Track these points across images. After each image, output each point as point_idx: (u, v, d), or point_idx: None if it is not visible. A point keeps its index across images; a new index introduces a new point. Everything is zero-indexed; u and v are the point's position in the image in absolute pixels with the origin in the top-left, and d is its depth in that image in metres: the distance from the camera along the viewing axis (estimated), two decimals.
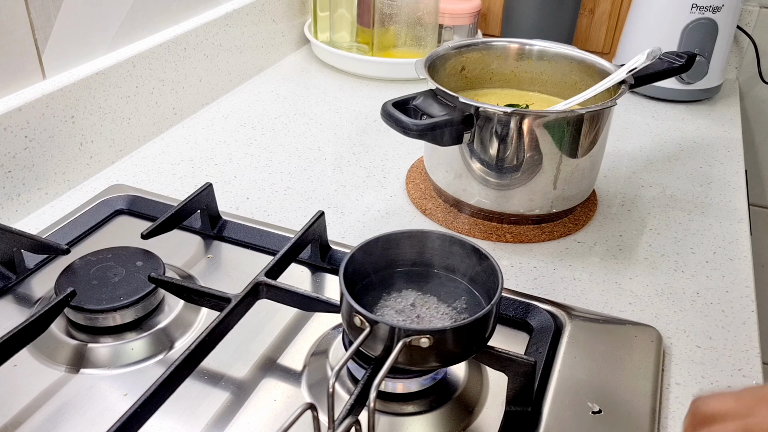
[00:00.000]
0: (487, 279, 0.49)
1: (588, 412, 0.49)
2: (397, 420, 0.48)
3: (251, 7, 1.02)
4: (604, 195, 0.78)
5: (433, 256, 0.52)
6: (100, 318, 0.54)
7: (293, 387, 0.51)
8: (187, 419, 0.48)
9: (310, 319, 0.58)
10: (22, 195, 0.70)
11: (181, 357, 0.46)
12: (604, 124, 0.69)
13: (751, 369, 0.55)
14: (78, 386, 0.51)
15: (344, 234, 0.70)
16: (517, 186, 0.68)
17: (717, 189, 0.81)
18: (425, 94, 0.67)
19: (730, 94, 1.08)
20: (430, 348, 0.43)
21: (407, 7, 1.04)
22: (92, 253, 0.59)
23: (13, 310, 0.58)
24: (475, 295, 0.51)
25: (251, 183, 0.78)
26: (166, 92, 0.87)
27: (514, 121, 0.64)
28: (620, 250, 0.69)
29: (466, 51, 0.78)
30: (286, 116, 0.94)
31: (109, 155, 0.80)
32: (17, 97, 0.68)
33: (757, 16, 1.09)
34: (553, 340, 0.55)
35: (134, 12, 0.82)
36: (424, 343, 0.43)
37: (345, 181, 0.79)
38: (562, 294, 0.62)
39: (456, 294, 0.51)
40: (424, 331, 0.43)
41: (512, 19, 1.09)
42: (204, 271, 0.63)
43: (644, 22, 1.01)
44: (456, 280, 0.52)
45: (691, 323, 0.60)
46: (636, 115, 0.99)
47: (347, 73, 1.09)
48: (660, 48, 0.69)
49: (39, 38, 0.70)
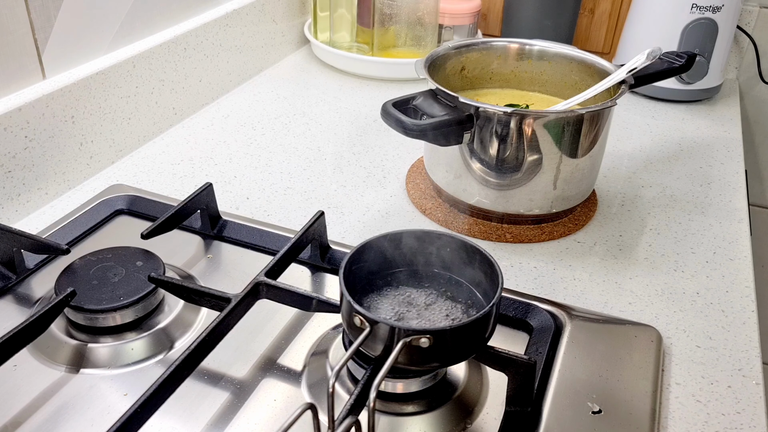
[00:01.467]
0: (487, 279, 0.49)
1: (588, 412, 0.49)
2: (397, 420, 0.48)
3: (251, 7, 1.02)
4: (604, 195, 0.78)
5: (433, 256, 0.52)
6: (100, 318, 0.54)
7: (293, 387, 0.51)
8: (187, 419, 0.48)
9: (310, 319, 0.58)
10: (22, 195, 0.70)
11: (181, 357, 0.46)
12: (604, 124, 0.69)
13: (751, 369, 0.55)
14: (78, 386, 0.51)
15: (344, 234, 0.70)
16: (517, 186, 0.68)
17: (717, 189, 0.81)
18: (425, 94, 0.67)
19: (730, 94, 1.08)
20: (430, 348, 0.43)
21: (407, 7, 1.04)
22: (92, 253, 0.59)
23: (13, 310, 0.58)
24: (475, 295, 0.51)
25: (251, 183, 0.78)
26: (166, 92, 0.87)
27: (514, 121, 0.64)
28: (620, 250, 0.69)
29: (466, 51, 0.78)
30: (286, 116, 0.94)
31: (109, 155, 0.80)
32: (17, 97, 0.68)
33: (757, 16, 1.09)
34: (553, 340, 0.55)
35: (134, 12, 0.82)
36: (423, 343, 0.43)
37: (345, 181, 0.79)
38: (562, 294, 0.62)
39: (456, 294, 0.51)
40: (424, 331, 0.43)
41: (512, 19, 1.09)
42: (204, 271, 0.63)
43: (644, 22, 1.01)
44: (456, 280, 0.52)
45: (691, 323, 0.60)
46: (636, 115, 0.99)
47: (347, 73, 1.09)
48: (660, 48, 0.69)
49: (39, 38, 0.71)
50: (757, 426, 0.50)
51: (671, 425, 0.50)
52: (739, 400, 0.52)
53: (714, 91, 1.04)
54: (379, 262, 0.51)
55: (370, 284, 0.51)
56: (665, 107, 1.02)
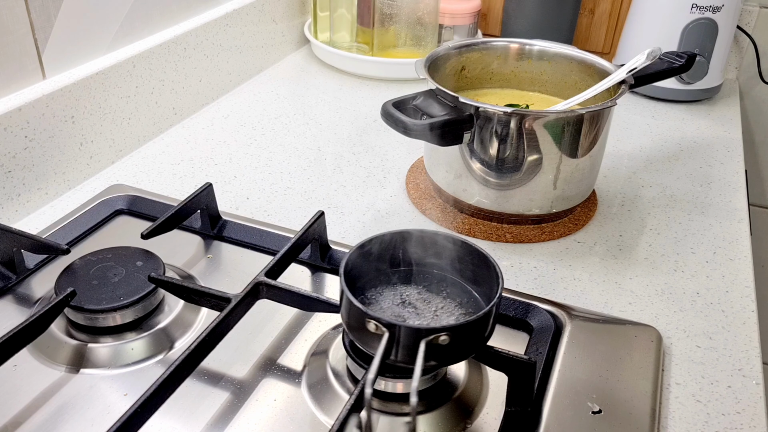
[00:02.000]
0: (487, 279, 0.49)
1: (588, 412, 0.49)
2: (397, 420, 0.48)
3: (251, 7, 1.02)
4: (604, 195, 0.78)
5: (433, 255, 0.52)
6: (100, 318, 0.54)
7: (293, 387, 0.51)
8: (187, 419, 0.48)
9: (310, 319, 0.58)
10: (22, 195, 0.70)
11: (181, 357, 0.46)
12: (604, 124, 0.69)
13: (751, 369, 0.55)
14: (78, 386, 0.51)
15: (344, 234, 0.70)
16: (517, 186, 0.68)
17: (717, 189, 0.81)
18: (425, 94, 0.67)
19: (730, 94, 1.08)
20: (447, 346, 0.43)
21: (407, 7, 1.04)
22: (92, 253, 0.59)
23: (13, 310, 0.58)
24: (473, 296, 0.51)
25: (251, 183, 0.78)
26: (166, 92, 0.87)
27: (514, 121, 0.64)
28: (620, 250, 0.69)
29: (466, 51, 0.78)
30: (286, 116, 0.94)
31: (109, 155, 0.80)
32: (17, 97, 0.68)
33: (757, 16, 1.09)
34: (553, 340, 0.55)
35: (134, 12, 0.82)
36: (444, 341, 0.43)
37: (345, 181, 0.79)
38: (562, 294, 0.62)
39: (455, 294, 0.51)
40: (443, 329, 0.43)
41: (512, 19, 1.09)
42: (204, 271, 0.63)
43: (644, 22, 1.01)
44: (455, 280, 0.52)
45: (691, 323, 0.60)
46: (636, 115, 0.99)
47: (347, 73, 1.09)
48: (660, 48, 0.69)
49: (39, 38, 0.70)
50: (757, 426, 0.50)
51: (671, 425, 0.50)
52: (739, 400, 0.52)
53: (714, 91, 1.04)
54: (378, 261, 0.51)
55: (369, 283, 0.51)
56: (665, 107, 1.02)
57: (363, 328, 0.45)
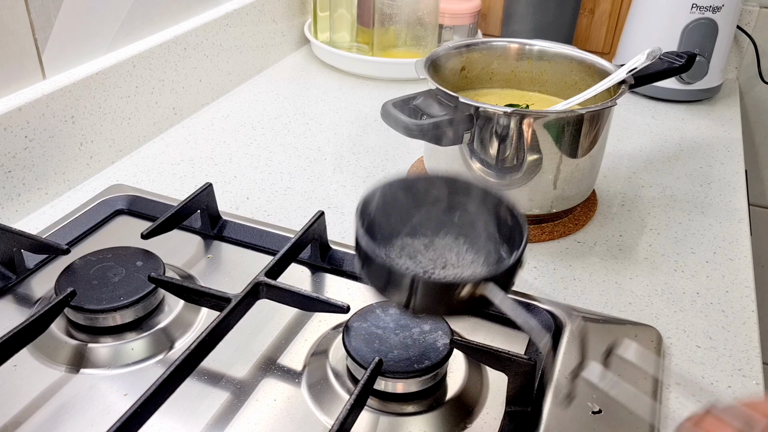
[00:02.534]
0: (511, 229, 0.47)
1: (588, 412, 0.49)
2: (397, 420, 0.48)
3: (251, 7, 1.02)
4: (604, 195, 0.78)
5: (455, 202, 0.49)
6: (100, 318, 0.54)
7: (293, 387, 0.51)
8: (187, 419, 0.48)
9: (310, 319, 0.58)
10: (22, 195, 0.70)
11: (181, 357, 0.46)
12: (604, 124, 0.69)
13: (751, 369, 0.55)
14: (78, 386, 0.51)
15: (344, 234, 0.70)
16: (517, 186, 0.68)
17: (717, 189, 0.81)
18: (425, 94, 0.66)
19: (730, 94, 1.08)
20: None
21: (407, 7, 1.04)
22: (92, 253, 0.59)
23: (13, 310, 0.58)
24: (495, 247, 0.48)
25: (251, 183, 0.78)
26: (166, 92, 0.87)
27: (514, 121, 0.64)
28: (620, 250, 0.69)
29: (466, 51, 0.78)
30: (286, 116, 0.94)
31: (109, 155, 0.80)
32: (17, 97, 0.68)
33: (757, 16, 1.09)
34: (553, 340, 0.55)
35: (134, 12, 0.82)
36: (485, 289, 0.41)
37: (345, 181, 0.79)
38: (562, 294, 0.62)
39: (476, 243, 0.48)
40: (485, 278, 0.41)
41: (512, 19, 1.09)
42: (204, 271, 0.63)
43: (644, 22, 1.01)
44: (478, 230, 0.49)
45: (691, 323, 0.60)
46: (636, 115, 0.99)
47: (347, 73, 1.09)
48: (660, 48, 0.69)
49: (39, 38, 0.70)
50: None
51: (671, 425, 0.50)
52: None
53: (714, 91, 1.04)
54: (398, 206, 0.48)
55: (386, 228, 0.48)
56: (665, 107, 1.02)
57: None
